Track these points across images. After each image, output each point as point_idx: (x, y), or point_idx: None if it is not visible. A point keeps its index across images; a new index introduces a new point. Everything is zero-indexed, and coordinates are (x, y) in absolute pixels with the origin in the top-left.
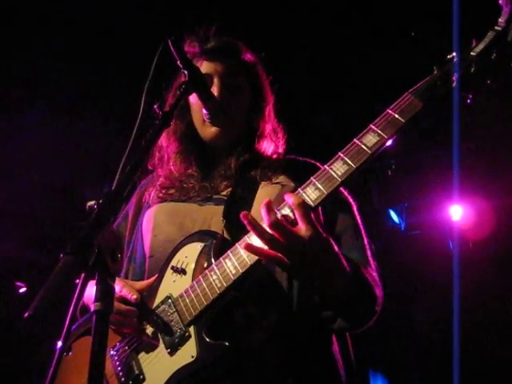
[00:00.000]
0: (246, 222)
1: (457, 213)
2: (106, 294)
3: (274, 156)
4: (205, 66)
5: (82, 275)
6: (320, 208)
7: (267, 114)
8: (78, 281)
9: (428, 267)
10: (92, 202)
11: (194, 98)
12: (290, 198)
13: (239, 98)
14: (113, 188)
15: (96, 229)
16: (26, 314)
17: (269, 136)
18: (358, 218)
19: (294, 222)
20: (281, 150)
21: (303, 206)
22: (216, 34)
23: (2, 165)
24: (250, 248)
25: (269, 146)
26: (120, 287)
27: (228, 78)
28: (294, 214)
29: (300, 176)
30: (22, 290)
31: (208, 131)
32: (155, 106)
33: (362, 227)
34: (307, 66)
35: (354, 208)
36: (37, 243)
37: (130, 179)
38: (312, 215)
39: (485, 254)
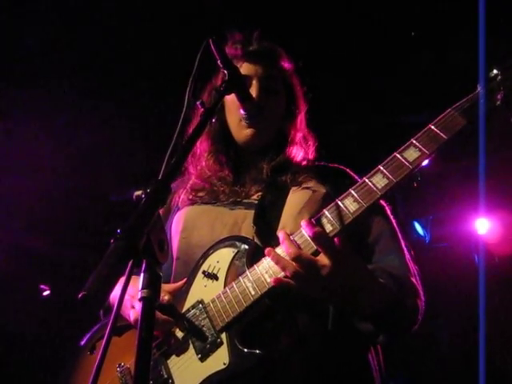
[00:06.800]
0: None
1: (483, 226)
2: (153, 281)
3: (304, 162)
4: (245, 68)
5: (130, 263)
6: None
7: (299, 121)
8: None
9: (452, 281)
10: (139, 192)
11: (230, 99)
12: (308, 230)
13: (276, 101)
14: (159, 178)
15: (145, 217)
16: (80, 295)
17: (299, 143)
18: (392, 220)
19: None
20: (310, 157)
21: (322, 237)
22: (258, 37)
23: (30, 166)
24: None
25: (298, 153)
26: None
27: (267, 81)
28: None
29: (330, 181)
30: (46, 293)
31: (243, 132)
32: (198, 103)
33: (398, 230)
34: (339, 75)
35: (388, 211)
36: (63, 242)
37: (176, 170)
38: (335, 241)
39: (511, 269)
